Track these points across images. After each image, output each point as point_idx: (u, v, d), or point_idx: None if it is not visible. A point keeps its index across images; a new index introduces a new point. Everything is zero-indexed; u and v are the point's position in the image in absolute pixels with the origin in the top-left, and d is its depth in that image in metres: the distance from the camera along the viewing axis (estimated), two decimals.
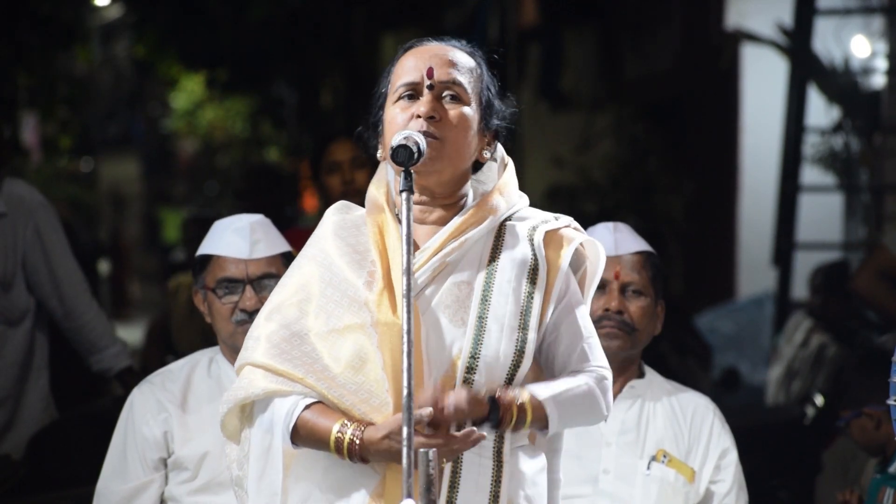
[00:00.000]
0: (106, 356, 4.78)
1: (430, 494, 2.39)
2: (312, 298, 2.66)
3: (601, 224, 3.62)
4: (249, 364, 2.68)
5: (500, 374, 2.63)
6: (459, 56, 2.72)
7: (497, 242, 2.71)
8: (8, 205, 4.65)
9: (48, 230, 4.72)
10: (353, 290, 2.64)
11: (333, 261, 2.69)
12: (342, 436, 2.57)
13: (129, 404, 3.50)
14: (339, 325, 2.62)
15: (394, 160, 2.59)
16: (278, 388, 2.63)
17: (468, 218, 2.68)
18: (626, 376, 3.57)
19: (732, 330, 9.01)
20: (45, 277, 4.71)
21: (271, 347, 2.65)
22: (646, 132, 11.81)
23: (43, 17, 8.46)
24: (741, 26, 9.43)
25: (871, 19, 8.19)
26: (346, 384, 2.59)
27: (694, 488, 3.50)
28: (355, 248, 2.70)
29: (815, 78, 7.71)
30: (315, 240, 2.76)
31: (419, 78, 2.67)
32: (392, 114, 2.68)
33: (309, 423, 2.61)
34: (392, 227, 2.69)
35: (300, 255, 2.76)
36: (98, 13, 18.99)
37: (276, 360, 2.64)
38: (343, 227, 2.74)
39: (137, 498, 3.44)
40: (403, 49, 2.76)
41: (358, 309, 2.63)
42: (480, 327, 2.63)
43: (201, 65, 16.12)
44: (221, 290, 3.45)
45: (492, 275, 2.67)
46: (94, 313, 4.79)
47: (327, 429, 2.59)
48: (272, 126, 17.54)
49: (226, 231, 3.52)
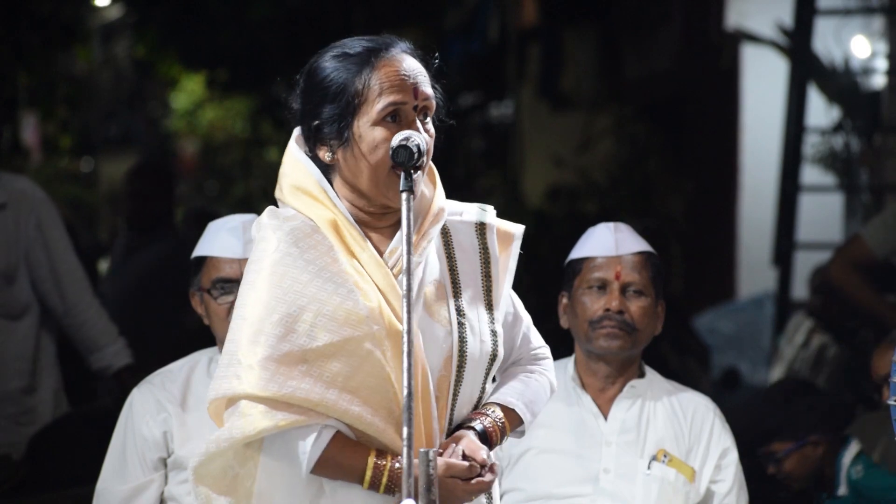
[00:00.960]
0: (106, 354, 4.77)
1: (431, 494, 2.39)
2: (296, 313, 2.53)
3: (602, 224, 3.62)
4: (246, 397, 2.51)
5: (482, 368, 2.66)
6: (420, 67, 2.64)
7: (447, 240, 2.71)
8: (9, 197, 4.64)
9: (50, 226, 4.70)
10: (348, 303, 2.55)
11: (311, 275, 2.56)
12: (380, 469, 2.53)
13: (128, 404, 3.50)
14: (338, 339, 2.52)
15: (394, 160, 2.57)
16: (295, 420, 2.50)
17: (428, 220, 2.65)
18: (626, 376, 3.57)
19: (732, 330, 9.01)
20: (46, 273, 4.70)
21: (268, 374, 2.49)
22: (646, 132, 11.81)
23: (43, 17, 8.46)
24: (741, 26, 9.43)
25: (871, 19, 8.19)
26: (355, 400, 2.53)
27: (694, 488, 3.50)
28: (324, 260, 2.58)
29: (815, 78, 7.71)
30: (267, 254, 2.58)
31: (407, 98, 2.59)
32: (374, 136, 2.57)
33: (336, 457, 2.53)
34: (354, 235, 2.61)
35: (255, 272, 2.58)
36: (98, 13, 19.00)
37: (279, 387, 2.49)
38: (299, 237, 2.59)
39: (137, 498, 3.43)
40: (365, 56, 2.60)
41: (357, 321, 2.54)
42: (461, 324, 2.65)
43: (201, 65, 16.11)
44: (217, 291, 3.46)
45: (455, 273, 2.68)
46: (94, 310, 4.77)
47: (360, 461, 2.53)
48: (272, 126, 17.54)
49: (219, 231, 3.53)
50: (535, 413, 2.77)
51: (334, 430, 2.55)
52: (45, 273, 4.69)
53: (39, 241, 4.68)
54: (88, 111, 18.38)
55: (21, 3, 8.28)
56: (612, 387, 3.56)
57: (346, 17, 14.51)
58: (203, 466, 2.59)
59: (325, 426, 2.54)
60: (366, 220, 2.66)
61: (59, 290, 4.72)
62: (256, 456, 2.58)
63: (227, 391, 2.54)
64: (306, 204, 2.64)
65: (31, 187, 4.73)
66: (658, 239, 4.57)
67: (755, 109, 10.57)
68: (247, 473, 2.59)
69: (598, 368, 3.56)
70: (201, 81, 17.94)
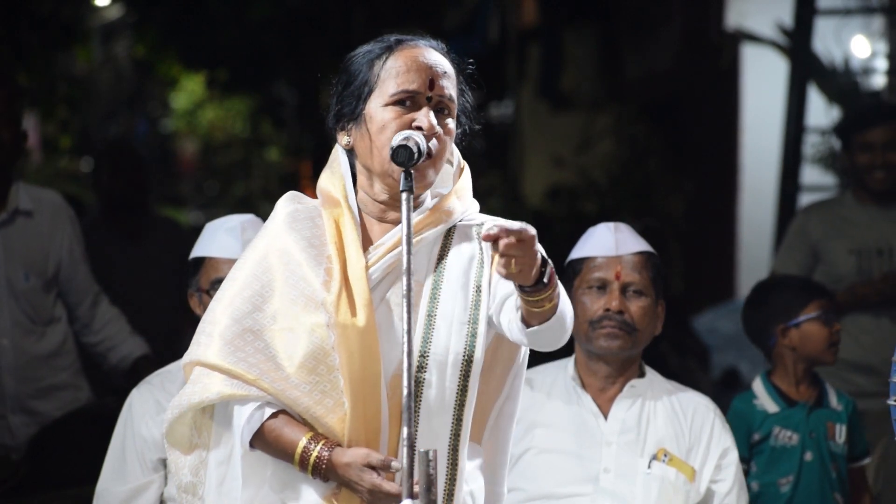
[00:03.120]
0: (125, 346, 4.88)
1: (430, 494, 2.39)
2: (267, 293, 2.64)
3: (602, 224, 3.62)
4: (202, 364, 2.64)
5: (453, 369, 2.63)
6: (447, 65, 2.70)
7: (446, 242, 2.71)
8: (36, 206, 4.75)
9: (78, 242, 4.84)
10: (311, 289, 2.62)
11: (290, 255, 2.66)
12: (308, 452, 2.57)
13: (127, 405, 3.50)
14: (295, 323, 2.61)
15: (394, 160, 2.58)
16: (235, 393, 2.60)
17: (424, 219, 2.68)
18: (626, 376, 3.57)
19: (732, 330, 8.99)
20: (77, 285, 4.82)
21: (225, 345, 2.62)
22: (646, 132, 11.81)
23: (43, 17, 8.46)
24: (741, 26, 9.42)
25: (871, 19, 8.19)
26: (300, 384, 2.59)
27: (694, 487, 3.50)
28: (311, 242, 2.67)
29: (815, 78, 7.70)
30: (266, 231, 2.72)
31: (420, 87, 2.64)
32: (384, 116, 2.65)
33: (274, 433, 2.60)
34: (349, 223, 2.67)
35: (251, 247, 2.73)
36: (98, 13, 18.98)
37: (230, 359, 2.61)
38: (297, 218, 2.71)
39: (137, 499, 3.44)
40: (391, 43, 2.69)
41: (315, 308, 2.60)
42: (429, 325, 2.64)
43: (201, 65, 16.12)
44: (215, 291, 3.45)
45: (441, 274, 2.68)
46: (112, 314, 4.91)
47: (293, 442, 2.58)
48: (272, 126, 17.55)
49: (217, 232, 3.54)
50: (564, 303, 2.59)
51: (278, 408, 2.61)
52: (75, 285, 4.82)
53: (73, 254, 4.80)
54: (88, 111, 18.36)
55: (21, 3, 8.28)
56: (612, 387, 3.56)
57: (346, 17, 14.52)
58: (169, 434, 2.72)
59: (269, 403, 2.61)
60: (375, 212, 2.71)
61: (86, 302, 4.85)
62: (210, 424, 2.69)
63: (193, 356, 2.66)
64: (323, 200, 2.72)
65: (63, 201, 4.86)
66: (658, 239, 4.57)
67: (755, 109, 10.57)
68: (202, 442, 2.70)
69: (599, 368, 3.56)
70: (201, 81, 17.94)
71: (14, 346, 4.65)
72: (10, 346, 4.65)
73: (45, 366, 4.71)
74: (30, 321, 4.68)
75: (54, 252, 4.75)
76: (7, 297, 4.65)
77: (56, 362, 4.74)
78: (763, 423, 3.92)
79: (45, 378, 4.71)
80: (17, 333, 4.66)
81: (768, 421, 3.92)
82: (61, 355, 4.77)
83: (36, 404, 4.68)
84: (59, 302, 4.81)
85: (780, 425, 3.90)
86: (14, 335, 4.65)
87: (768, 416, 3.92)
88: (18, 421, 4.65)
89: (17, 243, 4.68)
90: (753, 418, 3.92)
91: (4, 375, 4.64)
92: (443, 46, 2.73)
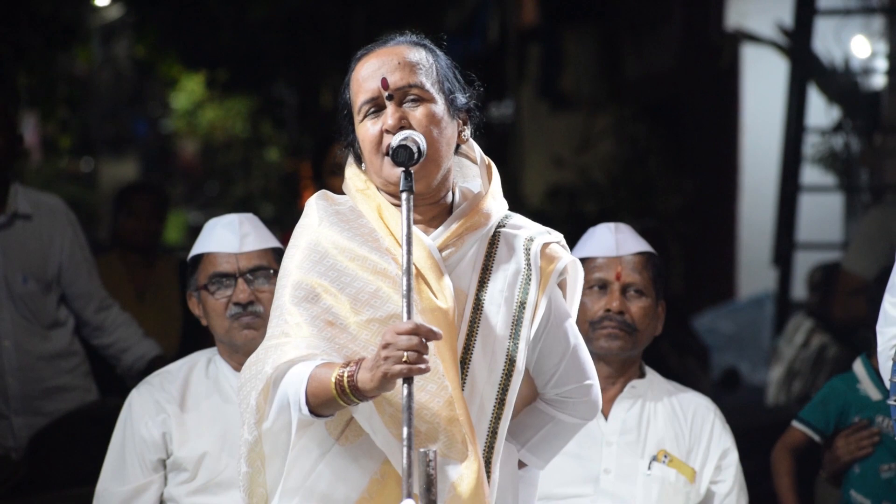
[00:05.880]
0: (140, 347, 4.91)
1: (430, 494, 2.39)
2: (340, 287, 2.59)
3: (602, 224, 3.62)
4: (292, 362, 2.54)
5: (491, 384, 2.62)
6: (408, 53, 2.67)
7: (491, 250, 2.69)
8: (35, 210, 4.76)
9: (83, 245, 4.85)
10: (387, 280, 2.59)
11: (351, 249, 2.62)
12: (341, 376, 2.47)
13: (127, 406, 3.49)
14: (381, 315, 2.57)
15: (394, 160, 2.57)
16: (302, 355, 2.53)
17: (465, 221, 2.66)
18: (626, 376, 3.57)
19: (732, 330, 9.01)
20: (80, 290, 4.84)
21: (317, 332, 2.55)
22: (646, 132, 11.82)
23: (43, 17, 8.46)
24: (741, 26, 9.43)
25: (871, 19, 8.19)
26: None
27: (695, 488, 3.50)
28: (364, 236, 2.65)
29: (815, 78, 7.72)
30: (309, 229, 2.67)
31: (374, 92, 2.63)
32: (362, 133, 2.65)
33: (315, 379, 2.50)
34: (393, 214, 2.65)
35: (297, 247, 2.66)
36: (98, 13, 18.99)
37: (322, 347, 2.55)
38: (340, 213, 2.69)
39: (137, 499, 3.43)
40: (354, 60, 2.70)
41: (394, 300, 2.57)
42: (471, 336, 2.63)
43: (201, 65, 16.13)
44: (214, 286, 3.45)
45: (485, 283, 2.66)
46: (123, 317, 4.95)
47: (328, 376, 2.49)
48: (272, 126, 17.55)
49: (215, 228, 3.53)
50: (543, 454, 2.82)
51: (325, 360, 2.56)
52: (77, 288, 4.82)
53: (75, 258, 4.80)
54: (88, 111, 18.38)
55: (21, 3, 8.28)
56: (612, 387, 3.56)
57: (346, 18, 14.53)
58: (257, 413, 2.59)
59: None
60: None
61: (91, 306, 4.86)
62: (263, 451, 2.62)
63: (276, 357, 2.56)
64: (357, 197, 2.70)
65: (63, 206, 4.87)
66: (658, 239, 4.57)
67: (755, 109, 10.58)
68: (256, 470, 2.64)
69: (599, 369, 3.55)
70: (201, 81, 17.96)
71: (16, 348, 4.66)
72: (12, 348, 4.66)
73: (49, 367, 4.72)
74: (30, 323, 4.69)
75: (53, 256, 4.75)
76: (6, 300, 4.65)
77: (61, 364, 4.75)
78: (864, 409, 3.93)
79: (51, 379, 4.72)
80: (18, 335, 4.66)
81: (871, 407, 3.92)
82: (67, 357, 4.77)
83: (42, 405, 4.69)
84: (63, 305, 4.82)
85: (883, 414, 3.90)
86: (16, 337, 4.66)
87: (871, 402, 3.93)
88: (21, 422, 4.65)
89: (15, 246, 4.68)
90: (854, 402, 3.94)
91: (7, 377, 4.65)
92: (412, 38, 2.71)
